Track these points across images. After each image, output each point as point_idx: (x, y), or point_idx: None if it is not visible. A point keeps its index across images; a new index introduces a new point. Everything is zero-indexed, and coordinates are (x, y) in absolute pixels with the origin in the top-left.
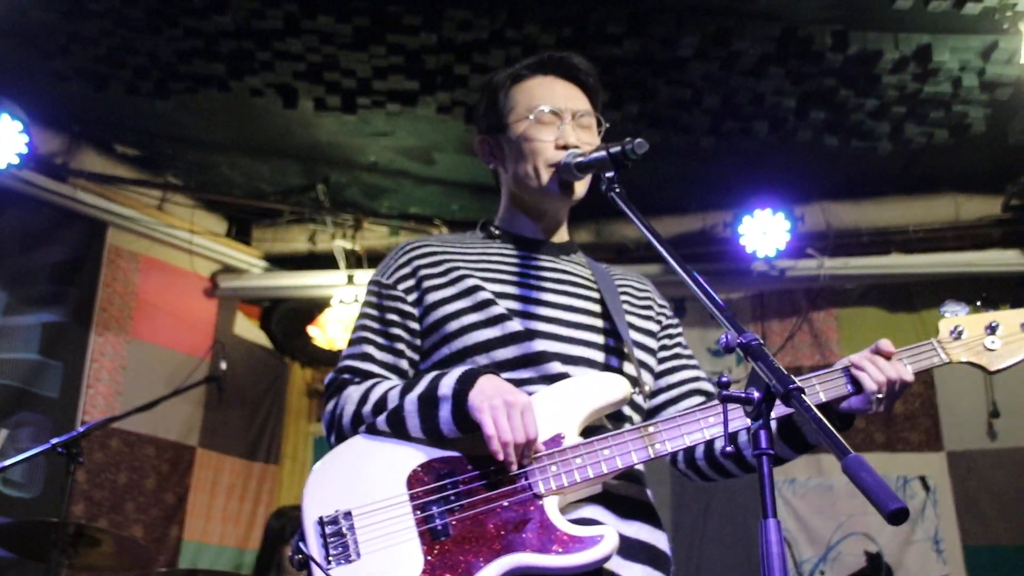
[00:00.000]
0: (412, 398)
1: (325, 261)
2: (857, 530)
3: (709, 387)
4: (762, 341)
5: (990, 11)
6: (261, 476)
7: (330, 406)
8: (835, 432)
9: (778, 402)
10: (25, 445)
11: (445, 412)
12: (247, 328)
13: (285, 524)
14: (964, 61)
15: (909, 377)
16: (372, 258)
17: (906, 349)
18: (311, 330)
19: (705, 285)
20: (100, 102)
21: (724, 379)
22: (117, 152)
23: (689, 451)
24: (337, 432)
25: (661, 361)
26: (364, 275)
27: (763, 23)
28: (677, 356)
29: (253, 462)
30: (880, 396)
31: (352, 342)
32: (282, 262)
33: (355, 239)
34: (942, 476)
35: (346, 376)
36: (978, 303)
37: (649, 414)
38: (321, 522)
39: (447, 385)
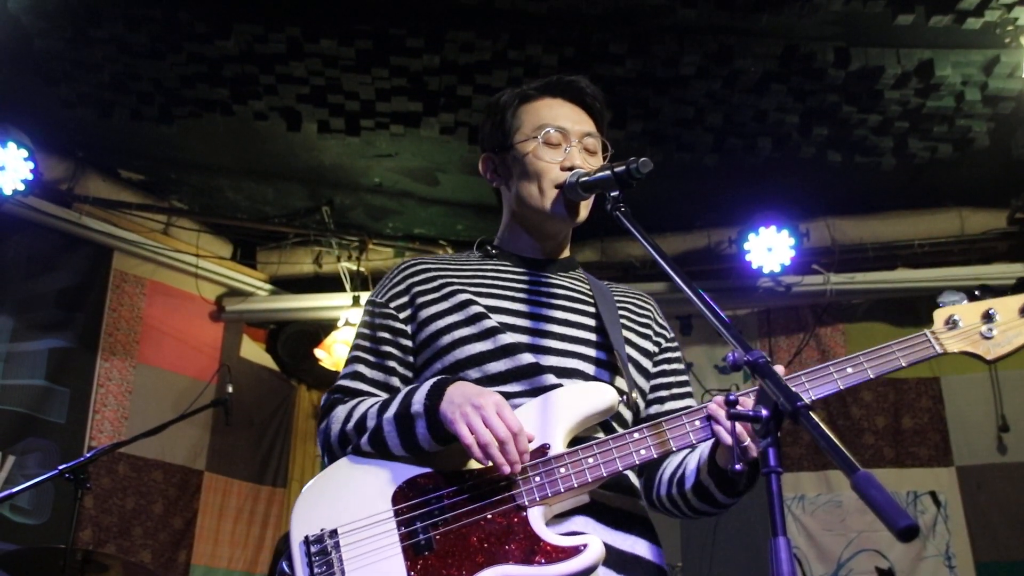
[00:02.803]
0: (389, 417)
1: (330, 283)
2: (868, 546)
3: None
4: (769, 359)
5: (991, 26)
6: (269, 499)
7: (322, 426)
8: (843, 448)
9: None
10: (32, 471)
11: (421, 429)
12: (253, 351)
13: None
14: (966, 76)
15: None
16: (377, 279)
17: (899, 341)
18: (317, 352)
19: (711, 303)
20: (104, 128)
21: (732, 397)
22: (122, 177)
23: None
24: (328, 452)
25: (654, 388)
26: None
27: (764, 41)
28: (668, 386)
29: (261, 485)
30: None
31: (346, 363)
32: (287, 285)
33: (360, 260)
34: (952, 491)
35: (336, 396)
36: (976, 292)
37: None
38: (307, 541)
39: (418, 401)
